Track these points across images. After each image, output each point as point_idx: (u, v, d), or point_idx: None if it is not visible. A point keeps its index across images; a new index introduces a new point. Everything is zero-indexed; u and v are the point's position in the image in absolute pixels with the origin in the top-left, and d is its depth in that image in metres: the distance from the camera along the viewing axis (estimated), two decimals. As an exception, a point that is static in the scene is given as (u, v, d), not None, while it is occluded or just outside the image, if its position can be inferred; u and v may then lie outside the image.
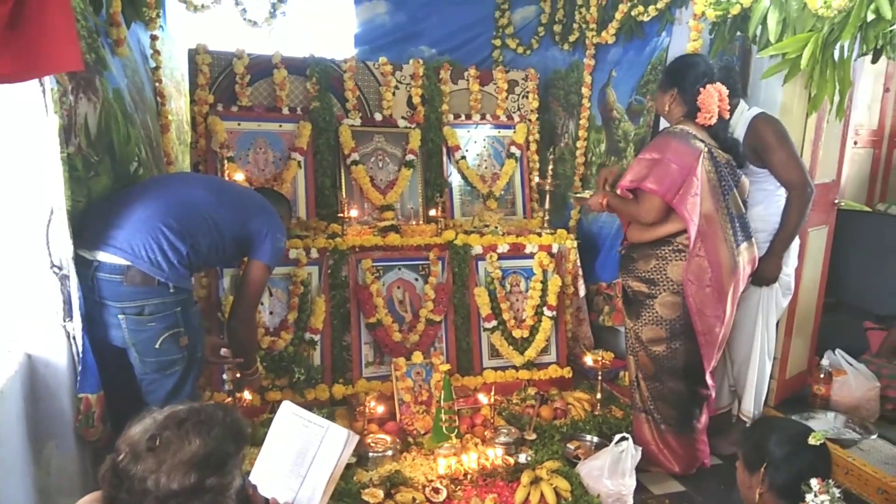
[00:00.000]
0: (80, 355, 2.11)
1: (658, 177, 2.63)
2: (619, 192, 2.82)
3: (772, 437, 1.84)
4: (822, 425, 3.23)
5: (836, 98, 2.62)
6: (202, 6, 3.71)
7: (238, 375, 2.89)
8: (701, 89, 2.64)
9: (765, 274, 2.87)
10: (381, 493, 2.60)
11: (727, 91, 2.68)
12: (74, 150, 2.14)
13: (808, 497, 1.67)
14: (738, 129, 2.87)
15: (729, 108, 2.71)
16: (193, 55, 3.77)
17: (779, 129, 2.82)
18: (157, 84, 3.46)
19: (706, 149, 2.64)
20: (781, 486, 1.78)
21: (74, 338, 2.10)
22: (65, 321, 2.08)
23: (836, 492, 1.68)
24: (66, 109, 2.05)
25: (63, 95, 2.02)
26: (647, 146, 2.83)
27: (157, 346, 2.25)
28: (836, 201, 3.60)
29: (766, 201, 2.90)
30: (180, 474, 1.30)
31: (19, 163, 1.94)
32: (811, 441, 1.78)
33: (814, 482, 1.69)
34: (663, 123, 3.51)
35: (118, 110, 2.56)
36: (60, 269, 2.05)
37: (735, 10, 2.90)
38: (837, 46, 2.58)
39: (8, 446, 1.85)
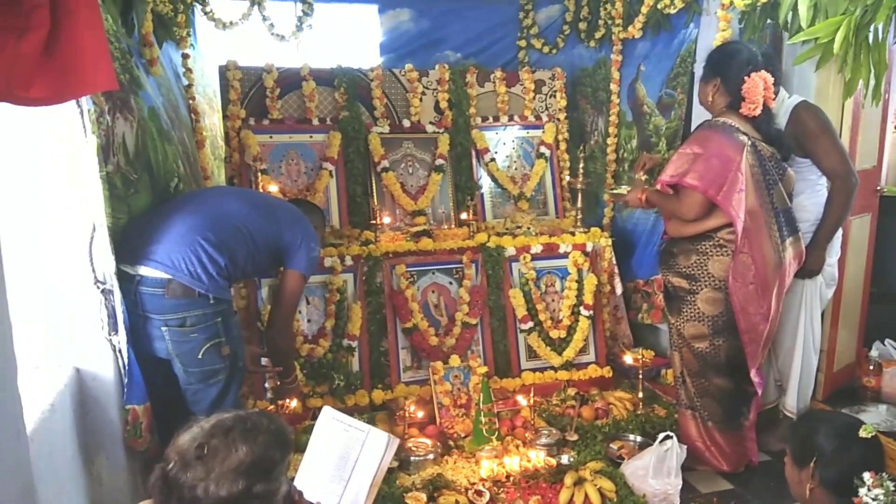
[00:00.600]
0: (126, 368, 2.17)
1: (699, 172, 2.58)
2: (658, 187, 2.77)
3: (820, 430, 1.79)
4: (874, 418, 3.14)
5: (872, 82, 2.55)
6: (231, 23, 3.79)
7: (278, 383, 2.94)
8: (745, 78, 2.58)
9: (808, 266, 2.80)
10: (423, 497, 2.61)
11: (772, 79, 2.62)
12: (113, 169, 2.20)
13: (862, 491, 1.63)
14: (780, 117, 2.80)
15: (773, 97, 2.65)
16: (224, 71, 3.84)
17: (821, 118, 2.74)
18: (190, 101, 3.54)
19: (749, 142, 2.58)
20: (832, 481, 1.73)
21: (120, 351, 2.16)
22: (110, 335, 2.14)
23: (891, 485, 1.63)
24: (104, 129, 2.11)
25: (100, 116, 2.08)
26: (688, 139, 2.78)
27: (199, 356, 2.30)
28: (879, 188, 3.50)
29: (809, 191, 2.83)
30: (228, 481, 1.32)
31: (62, 182, 2.01)
32: (862, 434, 1.72)
33: (866, 476, 1.64)
34: (696, 116, 3.49)
35: (154, 128, 2.63)
36: (104, 283, 2.11)
37: (764, -2, 2.85)
38: (872, 29, 2.52)
39: (60, 458, 1.90)
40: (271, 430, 1.44)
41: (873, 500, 1.59)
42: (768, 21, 3.03)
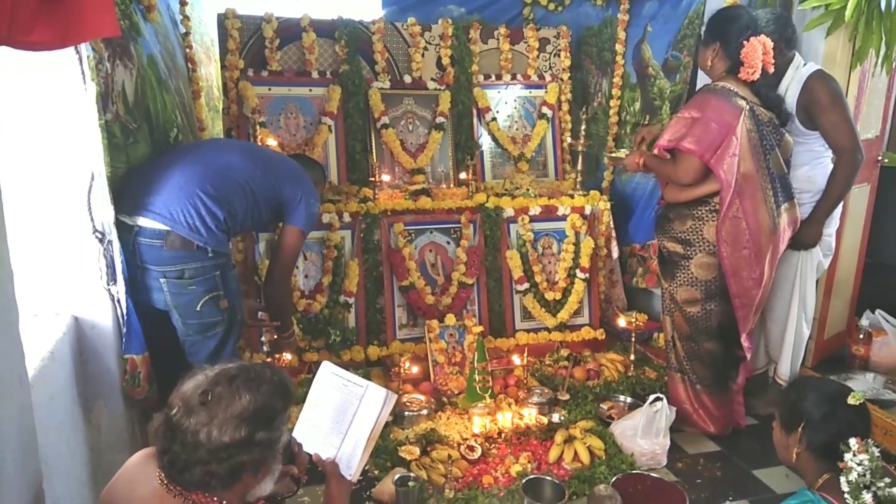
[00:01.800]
0: (125, 318, 2.17)
1: (696, 136, 2.57)
2: (656, 151, 2.77)
3: (809, 396, 1.82)
4: (861, 386, 3.20)
5: (883, 50, 2.52)
6: (229, -31, 3.70)
7: (275, 337, 2.96)
8: (745, 42, 2.56)
9: (805, 239, 2.81)
10: (417, 451, 2.66)
11: (771, 44, 2.59)
12: (112, 117, 2.16)
13: (847, 457, 1.66)
14: (793, 85, 2.77)
15: (774, 61, 2.62)
16: (223, 20, 3.76)
17: (834, 89, 2.70)
18: (187, 50, 3.47)
19: (748, 107, 2.57)
20: (819, 446, 1.77)
21: (119, 301, 2.16)
22: (108, 285, 2.14)
23: (876, 451, 1.66)
24: (103, 77, 2.07)
25: (99, 63, 2.04)
26: (687, 104, 2.76)
27: (197, 308, 2.30)
28: (879, 158, 3.49)
29: (813, 162, 2.82)
30: (231, 427, 1.34)
31: (59, 130, 1.98)
32: (850, 401, 1.75)
33: (853, 442, 1.67)
34: (701, 80, 3.44)
35: (153, 77, 2.58)
36: (103, 233, 2.10)
37: (777, -40, 2.79)
38: (885, -4, 2.49)
39: (60, 405, 1.92)
40: (274, 380, 1.46)
41: (858, 464, 1.63)
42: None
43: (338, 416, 1.95)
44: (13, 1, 1.14)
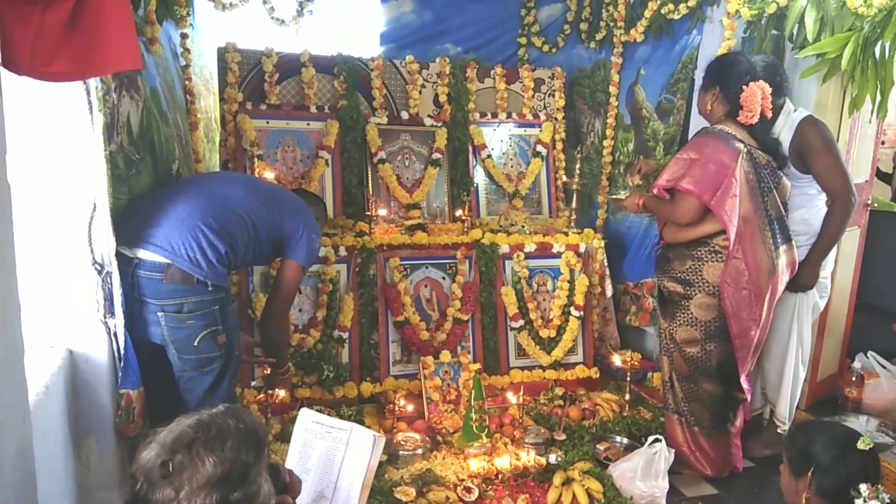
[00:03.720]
0: (122, 351, 2.12)
1: (695, 177, 2.61)
2: (655, 191, 2.80)
3: (818, 440, 1.81)
4: (855, 429, 3.19)
5: (878, 98, 2.58)
6: (230, 4, 3.71)
7: (268, 372, 2.91)
8: (744, 87, 2.62)
9: (802, 281, 2.84)
10: (413, 492, 2.60)
11: (770, 89, 2.65)
12: (116, 148, 2.15)
13: (858, 502, 1.65)
14: (785, 131, 2.82)
15: (772, 106, 2.68)
16: (223, 53, 3.78)
17: (825, 135, 2.76)
18: (186, 82, 3.47)
19: (745, 149, 2.61)
20: (829, 491, 1.75)
21: (115, 334, 2.11)
22: (106, 317, 2.09)
23: (886, 497, 1.66)
24: (109, 107, 2.06)
25: (106, 94, 2.03)
26: (686, 146, 2.80)
27: (195, 343, 2.26)
28: (869, 202, 3.56)
29: (808, 205, 2.86)
30: (201, 497, 1.23)
31: (63, 159, 1.96)
32: (860, 445, 1.75)
33: (863, 487, 1.66)
34: (694, 122, 3.51)
35: (155, 109, 2.58)
36: (102, 265, 2.06)
37: (771, 9, 2.87)
38: (879, 45, 2.55)
39: (52, 441, 1.86)
40: (239, 430, 1.33)
41: None
42: (773, 31, 3.06)
43: (325, 464, 1.89)
44: (36, 30, 1.13)
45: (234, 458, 1.28)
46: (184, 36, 3.44)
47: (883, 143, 5.21)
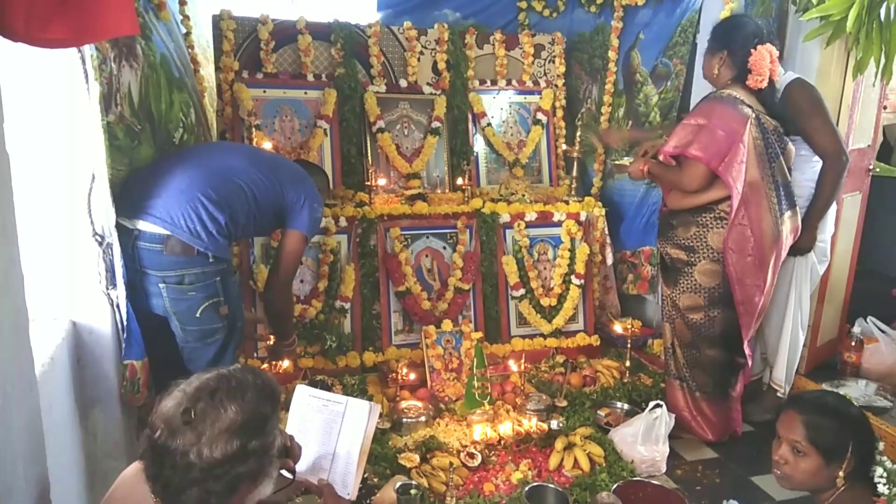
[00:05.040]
0: (124, 323, 2.13)
1: (703, 143, 2.58)
2: (661, 158, 2.77)
3: (847, 417, 1.82)
4: (854, 393, 3.22)
5: (883, 60, 2.55)
6: (224, -30, 3.65)
7: (273, 344, 2.92)
8: (752, 51, 2.58)
9: (799, 244, 2.83)
10: (416, 458, 2.63)
11: (777, 52, 2.61)
12: (116, 119, 2.12)
13: (878, 470, 1.69)
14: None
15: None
16: (218, 21, 3.72)
17: (814, 96, 2.74)
18: (189, 50, 3.41)
19: (754, 115, 2.58)
20: (859, 472, 1.78)
21: (118, 305, 2.11)
22: (108, 289, 2.09)
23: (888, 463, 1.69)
24: (106, 77, 2.03)
25: (103, 63, 2.00)
26: (692, 111, 2.77)
27: (197, 314, 2.26)
28: (870, 167, 3.54)
29: (801, 167, 2.84)
30: (222, 442, 1.27)
31: (60, 131, 1.93)
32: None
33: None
34: (696, 88, 3.47)
35: (162, 76, 2.53)
36: (102, 236, 2.05)
37: (775, -30, 2.82)
38: (884, 6, 2.51)
39: (58, 411, 1.87)
40: (257, 384, 1.39)
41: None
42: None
43: (323, 437, 1.92)
44: (30, -3, 1.11)
45: (254, 408, 1.33)
46: (182, 2, 3.38)
47: (885, 107, 5.16)
